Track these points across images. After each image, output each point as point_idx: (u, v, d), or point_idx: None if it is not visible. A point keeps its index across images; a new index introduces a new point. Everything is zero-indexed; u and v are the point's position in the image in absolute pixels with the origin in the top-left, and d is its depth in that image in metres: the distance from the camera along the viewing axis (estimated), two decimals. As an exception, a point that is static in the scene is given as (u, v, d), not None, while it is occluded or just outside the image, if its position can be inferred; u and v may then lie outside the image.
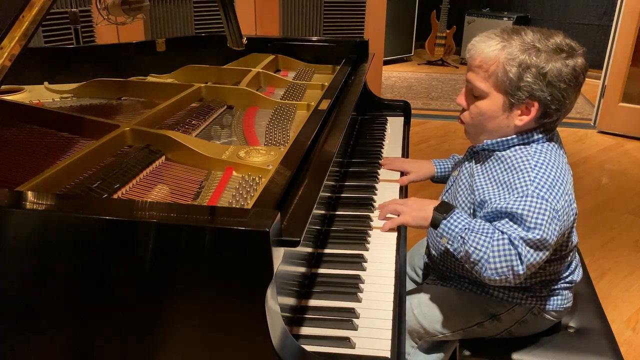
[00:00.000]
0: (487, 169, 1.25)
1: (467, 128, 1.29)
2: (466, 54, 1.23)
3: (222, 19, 1.79)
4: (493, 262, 1.10)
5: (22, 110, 1.41)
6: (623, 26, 3.98)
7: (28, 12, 0.94)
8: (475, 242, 1.12)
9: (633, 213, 3.03)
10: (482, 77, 1.18)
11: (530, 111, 1.16)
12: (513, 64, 1.13)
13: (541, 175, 1.13)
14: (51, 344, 0.87)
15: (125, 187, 1.08)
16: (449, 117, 4.56)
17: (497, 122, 1.21)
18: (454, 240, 1.17)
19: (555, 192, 1.11)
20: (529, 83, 1.13)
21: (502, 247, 1.10)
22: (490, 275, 1.11)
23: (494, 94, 1.18)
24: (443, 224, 1.18)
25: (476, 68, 1.19)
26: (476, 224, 1.16)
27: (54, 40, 2.70)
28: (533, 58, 1.12)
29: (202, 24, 3.43)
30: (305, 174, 1.06)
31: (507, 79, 1.14)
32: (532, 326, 1.31)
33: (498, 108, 1.19)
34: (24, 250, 0.83)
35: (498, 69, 1.15)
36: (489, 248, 1.11)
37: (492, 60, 1.15)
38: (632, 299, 2.30)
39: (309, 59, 2.10)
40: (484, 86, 1.18)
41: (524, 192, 1.11)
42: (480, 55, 1.17)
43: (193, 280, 0.80)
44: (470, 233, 1.14)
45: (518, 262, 1.10)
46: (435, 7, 6.10)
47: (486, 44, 1.17)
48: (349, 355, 0.94)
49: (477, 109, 1.22)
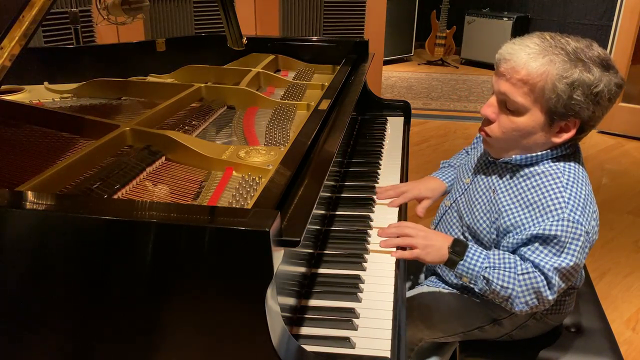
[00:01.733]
0: (514, 188, 1.17)
1: (492, 142, 1.19)
2: (499, 60, 1.11)
3: (222, 19, 1.79)
4: (522, 296, 1.09)
5: (22, 110, 1.41)
6: (623, 26, 3.98)
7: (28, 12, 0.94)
8: (501, 280, 1.09)
9: (633, 213, 3.03)
10: (522, 91, 1.08)
11: (570, 129, 1.10)
12: (565, 82, 1.04)
13: (574, 195, 1.09)
14: (51, 344, 0.87)
15: (125, 187, 1.08)
16: (449, 117, 4.56)
17: (533, 139, 1.12)
18: (477, 280, 1.13)
19: (587, 213, 1.08)
20: (578, 102, 1.05)
21: (528, 280, 1.08)
22: (522, 309, 1.11)
23: (536, 110, 1.09)
24: (461, 265, 1.13)
25: (517, 81, 1.08)
26: (496, 258, 1.12)
27: (54, 40, 2.70)
28: (585, 75, 1.04)
29: (202, 24, 3.43)
30: (305, 174, 1.06)
31: (555, 96, 1.05)
32: (533, 330, 1.31)
33: (537, 125, 1.10)
34: (24, 250, 0.83)
35: (546, 86, 1.05)
36: (516, 284, 1.09)
37: (539, 75, 1.05)
38: (632, 299, 2.30)
39: (309, 59, 2.10)
40: (524, 101, 1.08)
41: (559, 215, 1.07)
42: (525, 68, 1.06)
43: (193, 280, 0.80)
44: (492, 271, 1.10)
45: (547, 292, 1.08)
46: (435, 7, 6.10)
47: (528, 54, 1.07)
48: (349, 355, 0.93)
49: (513, 124, 1.12)
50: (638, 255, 2.64)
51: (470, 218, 1.26)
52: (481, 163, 1.30)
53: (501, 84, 1.11)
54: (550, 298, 1.09)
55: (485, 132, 1.18)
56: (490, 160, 1.26)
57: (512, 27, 5.78)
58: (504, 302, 1.12)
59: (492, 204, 1.21)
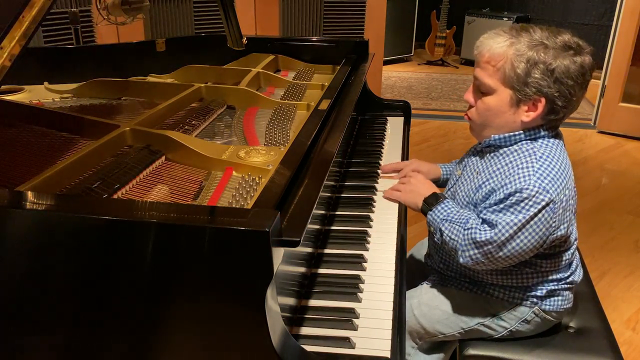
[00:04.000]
0: (493, 165, 1.25)
1: (472, 125, 1.30)
2: (474, 50, 1.24)
3: (222, 19, 1.79)
4: (466, 249, 1.17)
5: (22, 110, 1.41)
6: (623, 26, 3.98)
7: (28, 12, 0.94)
8: (450, 232, 1.21)
9: (633, 213, 3.03)
10: (489, 72, 1.19)
11: (537, 107, 1.17)
12: (521, 60, 1.13)
13: (545, 166, 1.15)
14: (50, 344, 0.88)
15: (125, 187, 1.08)
16: (449, 117, 4.56)
17: (503, 118, 1.21)
18: (436, 231, 1.25)
19: (556, 184, 1.13)
20: (537, 79, 1.13)
21: (472, 234, 1.15)
22: (466, 262, 1.20)
23: (502, 89, 1.18)
24: (428, 215, 1.27)
25: (484, 64, 1.19)
26: (455, 213, 1.23)
27: (54, 40, 2.70)
28: (541, 54, 1.12)
29: (202, 24, 3.43)
30: (305, 174, 1.06)
31: (514, 74, 1.15)
32: (532, 327, 1.31)
33: (505, 103, 1.19)
34: (23, 250, 0.83)
35: (506, 65, 1.15)
36: (459, 237, 1.19)
37: (500, 56, 1.16)
38: (632, 299, 2.30)
39: (309, 59, 2.10)
40: (491, 82, 1.19)
41: (525, 180, 1.13)
42: (489, 51, 1.18)
43: (193, 280, 0.80)
44: (446, 224, 1.22)
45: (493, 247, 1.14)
46: (435, 7, 6.10)
47: (494, 40, 1.18)
48: (349, 355, 0.94)
49: (484, 104, 1.23)
50: (638, 255, 2.63)
51: (457, 202, 1.33)
52: (469, 154, 1.40)
53: (475, 70, 1.24)
54: (498, 255, 1.15)
55: (467, 116, 1.30)
56: (477, 149, 1.34)
57: (512, 27, 5.77)
58: (454, 254, 1.22)
59: (473, 183, 1.29)
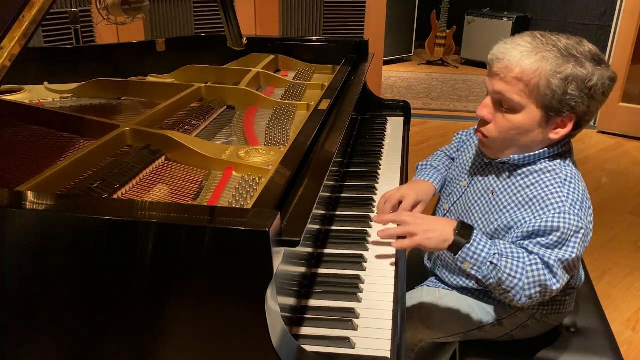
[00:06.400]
0: (512, 187, 1.18)
1: (489, 143, 1.19)
2: (493, 61, 1.12)
3: (222, 19, 1.79)
4: (528, 288, 1.08)
5: (22, 110, 1.41)
6: (623, 26, 3.98)
7: (28, 12, 0.94)
8: (509, 269, 1.08)
9: (633, 213, 3.03)
10: (517, 89, 1.09)
11: (567, 125, 1.11)
12: (559, 77, 1.05)
13: (573, 191, 1.11)
14: (50, 345, 0.87)
15: (125, 187, 1.08)
16: (449, 117, 4.56)
17: (530, 137, 1.13)
18: (482, 266, 1.10)
19: (584, 208, 1.11)
20: (573, 97, 1.06)
21: (536, 272, 1.08)
22: (524, 302, 1.10)
23: (532, 107, 1.09)
24: (467, 249, 1.10)
25: (512, 79, 1.08)
26: (504, 247, 1.11)
27: (54, 40, 2.69)
28: (579, 69, 1.05)
29: (202, 24, 3.43)
30: (305, 174, 1.06)
31: (550, 92, 1.06)
32: (533, 330, 1.31)
33: (534, 122, 1.11)
34: (23, 250, 0.83)
35: (541, 82, 1.06)
36: (524, 275, 1.08)
37: (532, 72, 1.06)
38: (632, 299, 2.30)
39: (309, 59, 2.10)
40: (520, 99, 1.09)
41: (560, 208, 1.08)
42: (519, 65, 1.07)
43: (193, 280, 0.80)
44: (501, 258, 1.09)
45: (552, 283, 1.08)
46: (435, 7, 6.10)
47: (520, 52, 1.08)
48: (349, 355, 0.93)
49: (509, 123, 1.13)
50: (638, 255, 2.64)
51: (469, 221, 1.26)
52: (477, 165, 1.30)
53: (495, 83, 1.12)
54: (555, 289, 1.09)
55: (482, 133, 1.19)
56: (486, 161, 1.26)
57: (512, 27, 5.77)
58: (506, 294, 1.10)
59: (491, 205, 1.21)
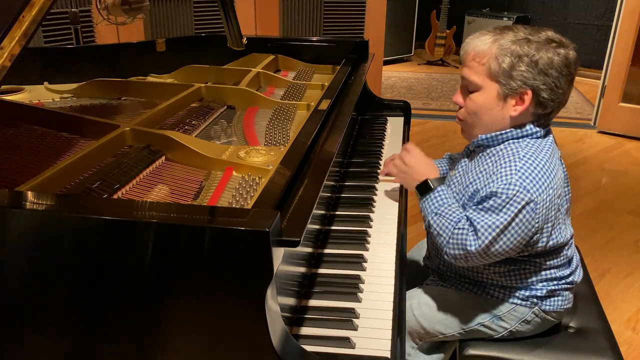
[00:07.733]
0: (480, 164, 1.27)
1: (463, 126, 1.32)
2: (460, 52, 1.27)
3: (222, 19, 1.79)
4: (452, 248, 1.19)
5: (22, 110, 1.41)
6: (623, 26, 3.98)
7: (28, 12, 0.94)
8: (439, 228, 1.22)
9: (633, 213, 3.03)
10: (475, 70, 1.21)
11: (524, 100, 1.18)
12: (505, 54, 1.16)
13: (528, 165, 1.15)
14: (50, 345, 0.87)
15: (125, 187, 1.08)
16: (449, 117, 4.56)
17: (492, 114, 1.23)
18: (425, 219, 1.28)
19: (539, 184, 1.13)
20: (522, 71, 1.16)
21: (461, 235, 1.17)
22: (449, 259, 1.22)
23: (488, 84, 1.21)
24: (420, 202, 1.30)
25: (470, 62, 1.22)
26: (446, 207, 1.23)
27: (54, 40, 2.70)
28: (524, 47, 1.16)
29: (202, 24, 3.43)
30: (305, 174, 1.06)
31: (499, 68, 1.17)
32: (532, 327, 1.31)
33: (492, 99, 1.21)
34: (23, 250, 0.83)
35: (491, 60, 1.18)
36: (448, 234, 1.20)
37: (484, 53, 1.19)
38: (632, 299, 2.30)
39: (309, 59, 2.10)
40: (477, 79, 1.21)
41: (505, 178, 1.14)
42: (474, 49, 1.21)
43: (193, 280, 0.80)
44: (435, 217, 1.24)
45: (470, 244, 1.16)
46: (435, 7, 6.10)
47: (479, 39, 1.22)
48: (349, 355, 0.94)
49: (473, 102, 1.25)
50: (638, 255, 2.63)
51: None
52: (462, 154, 1.41)
53: (462, 71, 1.27)
54: (472, 250, 1.15)
55: (458, 118, 1.33)
56: (469, 149, 1.35)
57: (512, 27, 5.77)
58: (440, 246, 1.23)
59: (461, 184, 1.31)
